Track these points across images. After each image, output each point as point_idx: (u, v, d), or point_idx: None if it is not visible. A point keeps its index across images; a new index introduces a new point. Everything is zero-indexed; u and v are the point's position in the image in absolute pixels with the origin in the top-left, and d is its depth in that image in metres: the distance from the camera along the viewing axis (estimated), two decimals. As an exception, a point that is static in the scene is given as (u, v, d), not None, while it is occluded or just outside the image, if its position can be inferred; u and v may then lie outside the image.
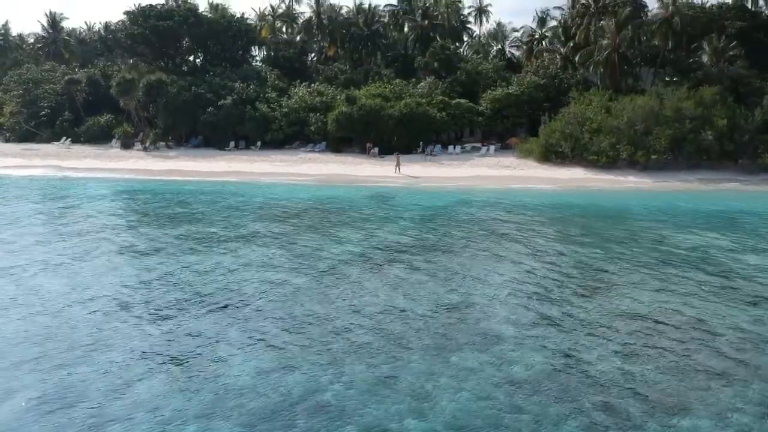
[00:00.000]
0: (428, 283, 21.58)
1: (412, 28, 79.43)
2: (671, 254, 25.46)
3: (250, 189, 43.39)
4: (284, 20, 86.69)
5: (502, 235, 29.57)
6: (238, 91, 64.15)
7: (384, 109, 57.93)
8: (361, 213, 34.95)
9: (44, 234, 29.61)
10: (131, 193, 42.95)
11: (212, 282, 21.48)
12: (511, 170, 49.68)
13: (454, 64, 67.05)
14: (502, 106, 59.81)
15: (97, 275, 22.47)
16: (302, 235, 28.88)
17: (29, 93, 73.56)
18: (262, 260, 24.40)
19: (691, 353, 15.84)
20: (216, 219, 32.64)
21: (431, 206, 37.27)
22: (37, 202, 39.25)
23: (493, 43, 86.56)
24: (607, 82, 57.81)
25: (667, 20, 58.85)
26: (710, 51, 59.36)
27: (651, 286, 21.17)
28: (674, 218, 33.76)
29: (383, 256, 25.06)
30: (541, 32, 76.22)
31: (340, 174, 49.06)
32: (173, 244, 27.32)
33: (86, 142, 67.05)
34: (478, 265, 24.01)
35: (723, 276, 22.41)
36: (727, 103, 49.69)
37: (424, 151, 56.88)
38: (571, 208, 36.59)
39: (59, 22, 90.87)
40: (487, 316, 18.39)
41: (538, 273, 22.78)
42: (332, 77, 70.76)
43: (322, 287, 21.12)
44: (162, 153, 61.04)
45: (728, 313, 18.56)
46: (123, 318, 18.17)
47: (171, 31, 71.20)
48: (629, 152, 47.27)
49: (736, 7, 64.91)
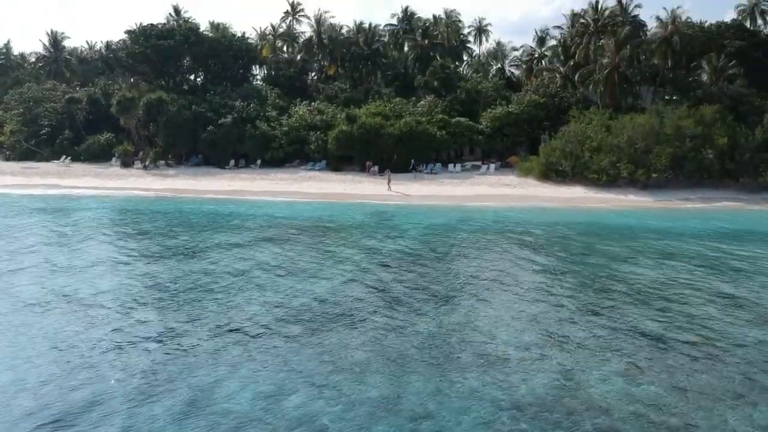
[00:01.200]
0: (429, 302, 21.35)
1: (412, 48, 79.77)
2: (675, 273, 25.25)
3: (250, 208, 43.20)
4: (285, 39, 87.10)
5: (503, 254, 29.36)
6: (239, 110, 64.25)
7: (384, 127, 57.97)
8: (362, 232, 34.77)
9: (34, 261, 29.37)
10: (130, 212, 42.72)
11: (209, 301, 21.23)
12: (511, 189, 49.58)
13: (454, 83, 67.24)
14: (502, 125, 59.88)
15: (94, 294, 22.23)
16: (302, 255, 28.65)
17: (30, 111, 73.68)
18: (261, 279, 24.14)
19: (697, 374, 15.60)
20: (215, 238, 32.43)
21: (432, 225, 37.08)
22: (31, 222, 39.02)
23: (492, 62, 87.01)
24: (607, 101, 57.92)
25: (666, 39, 59.12)
26: (709, 70, 59.48)
27: (655, 305, 20.94)
28: (677, 237, 33.53)
29: (383, 275, 24.84)
30: (540, 51, 76.54)
31: (340, 192, 48.94)
32: (170, 264, 27.09)
33: (86, 161, 67.02)
34: (480, 284, 23.78)
35: (728, 295, 22.21)
36: (727, 121, 49.78)
37: (414, 170, 56.81)
38: (573, 227, 36.39)
39: (61, 41, 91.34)
40: (490, 336, 18.15)
41: (540, 292, 22.56)
42: (332, 96, 70.96)
43: (322, 306, 20.86)
44: (162, 171, 60.98)
45: (734, 333, 18.34)
46: (116, 339, 17.93)
47: (172, 50, 71.51)
48: (630, 171, 47.20)
49: (735, 26, 65.32)
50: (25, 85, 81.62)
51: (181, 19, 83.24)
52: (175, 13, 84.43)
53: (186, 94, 70.08)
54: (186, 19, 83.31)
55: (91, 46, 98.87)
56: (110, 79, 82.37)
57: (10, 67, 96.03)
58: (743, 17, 71.32)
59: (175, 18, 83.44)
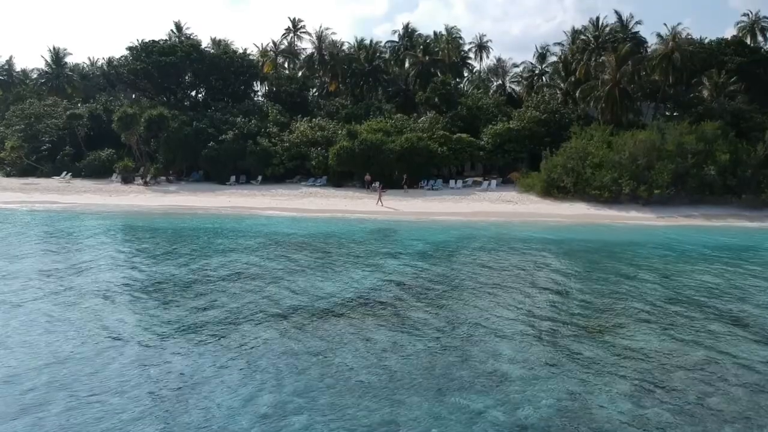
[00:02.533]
0: (430, 319, 21.11)
1: (413, 64, 79.91)
2: (678, 291, 25.01)
3: (250, 224, 43.01)
4: (286, 56, 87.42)
5: (505, 271, 29.13)
6: (240, 126, 64.25)
7: (385, 143, 57.92)
8: (362, 249, 34.52)
9: (33, 276, 29.14)
10: (129, 229, 42.61)
11: (209, 319, 20.99)
12: (512, 205, 49.38)
13: (455, 99, 67.28)
14: (503, 141, 59.81)
15: (91, 313, 21.99)
16: (303, 272, 28.42)
17: (31, 128, 73.75)
18: (261, 297, 23.89)
19: (702, 395, 15.34)
20: (215, 255, 32.22)
21: (433, 241, 36.86)
22: (29, 237, 38.83)
23: (493, 79, 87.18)
24: (608, 117, 57.85)
25: (667, 56, 59.23)
26: (710, 86, 59.61)
27: (659, 324, 20.69)
28: (680, 254, 33.32)
29: (384, 293, 24.61)
30: (541, 68, 76.81)
31: (341, 209, 48.73)
32: (169, 282, 26.87)
33: (87, 177, 66.99)
34: (482, 301, 23.53)
35: (732, 314, 21.95)
36: (729, 137, 49.63)
37: (405, 186, 56.79)
38: (575, 244, 36.18)
39: (63, 57, 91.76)
40: (492, 356, 17.89)
41: (543, 310, 22.30)
42: (333, 112, 71.04)
43: (322, 325, 20.62)
44: (162, 187, 60.88)
45: (739, 353, 18.07)
46: (115, 356, 17.69)
47: (173, 67, 71.71)
48: (632, 187, 47.01)
49: (735, 43, 65.57)
50: (26, 101, 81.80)
51: (183, 35, 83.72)
52: (176, 29, 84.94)
53: (187, 110, 70.19)
54: (188, 35, 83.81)
55: (93, 63, 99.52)
56: (112, 95, 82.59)
57: (12, 84, 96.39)
58: (743, 34, 71.68)
59: (177, 34, 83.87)
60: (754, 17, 72.36)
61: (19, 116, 76.32)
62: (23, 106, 78.86)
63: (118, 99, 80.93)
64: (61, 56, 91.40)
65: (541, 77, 76.46)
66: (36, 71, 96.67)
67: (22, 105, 79.55)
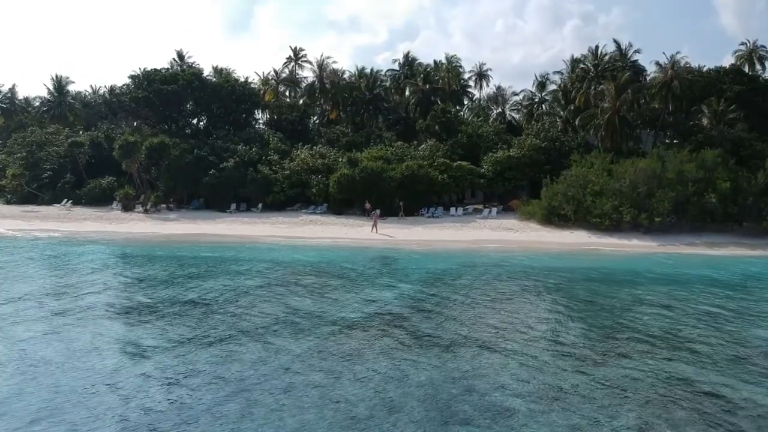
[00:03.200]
0: (432, 349, 20.90)
1: (414, 92, 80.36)
2: (681, 321, 24.81)
3: (250, 252, 42.83)
4: (287, 84, 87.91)
5: (507, 300, 28.95)
6: (241, 154, 64.38)
7: (385, 171, 57.98)
8: (363, 277, 34.36)
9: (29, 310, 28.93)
10: (129, 257, 42.41)
11: (208, 348, 20.77)
12: (513, 233, 49.22)
13: (455, 127, 67.48)
14: (503, 169, 59.87)
15: (89, 343, 21.77)
16: (302, 300, 28.23)
17: (32, 155, 73.91)
18: (261, 325, 23.68)
19: (708, 427, 15.07)
20: (215, 283, 32.01)
21: (434, 270, 36.66)
22: (26, 265, 38.66)
23: (493, 107, 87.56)
24: (608, 145, 57.94)
25: (666, 84, 59.54)
26: (710, 114, 59.77)
27: (662, 354, 20.49)
28: (682, 283, 33.10)
29: (384, 322, 24.40)
30: (541, 96, 77.17)
31: (342, 237, 48.58)
32: (165, 309, 26.65)
33: (87, 204, 66.93)
34: (484, 331, 23.31)
35: (735, 344, 21.74)
36: (729, 165, 49.66)
37: (402, 214, 56.75)
38: (577, 272, 35.97)
39: (65, 85, 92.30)
40: (495, 386, 17.68)
41: (545, 341, 22.10)
42: (334, 140, 71.23)
43: (322, 354, 20.41)
44: (162, 215, 60.79)
45: (744, 385, 17.84)
46: (111, 387, 17.46)
47: (175, 95, 72.08)
48: (632, 215, 46.89)
49: (734, 71, 65.92)
50: (28, 129, 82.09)
51: (185, 63, 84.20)
52: (179, 57, 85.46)
53: (188, 138, 70.35)
54: (190, 64, 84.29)
55: (95, 91, 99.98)
56: (113, 123, 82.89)
57: (14, 112, 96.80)
58: (741, 62, 72.07)
59: (179, 63, 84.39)
60: (752, 46, 72.84)
61: (21, 144, 76.55)
62: (25, 133, 79.16)
63: (119, 127, 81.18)
64: (64, 84, 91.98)
65: (540, 105, 76.79)
66: (38, 99, 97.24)
67: (24, 133, 79.85)
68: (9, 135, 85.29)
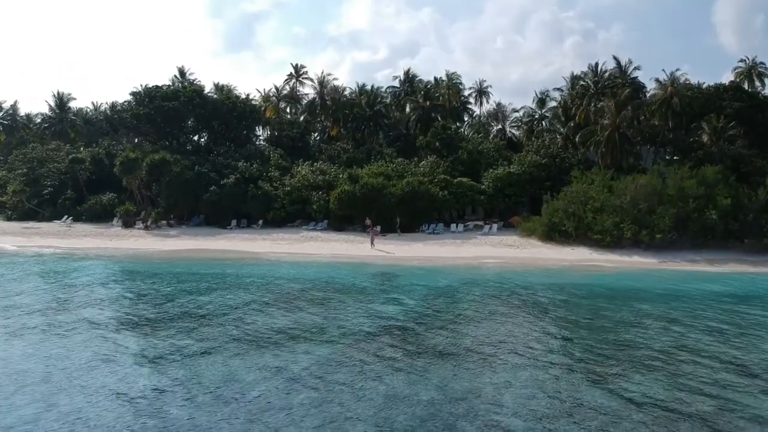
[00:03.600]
0: (432, 368, 20.75)
1: (414, 109, 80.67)
2: (684, 339, 24.65)
3: (251, 269, 42.71)
4: (288, 101, 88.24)
5: (507, 317, 28.83)
6: (241, 170, 64.48)
7: (386, 187, 58.03)
8: (363, 294, 34.23)
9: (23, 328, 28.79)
10: (127, 274, 42.26)
11: (208, 368, 20.62)
12: (514, 249, 49.15)
13: (456, 144, 67.64)
14: (503, 185, 59.95)
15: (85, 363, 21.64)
16: (301, 317, 28.09)
17: (33, 172, 74.03)
18: (261, 343, 23.55)
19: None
20: (215, 299, 31.89)
21: (435, 287, 36.49)
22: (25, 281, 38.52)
23: (493, 123, 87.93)
24: (608, 161, 58.00)
25: (666, 101, 59.75)
26: (710, 131, 59.87)
27: (665, 372, 20.33)
28: (684, 300, 32.91)
29: (384, 340, 24.25)
30: (541, 112, 77.47)
31: (342, 253, 48.49)
32: (166, 327, 26.51)
33: (88, 221, 66.89)
34: (485, 349, 23.16)
35: (740, 362, 21.59)
36: (729, 182, 49.67)
37: (399, 230, 56.57)
38: (578, 289, 35.83)
39: (67, 102, 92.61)
40: (496, 405, 17.53)
41: (547, 359, 21.94)
42: (335, 156, 71.38)
43: (322, 371, 20.27)
44: (163, 232, 60.72)
45: (748, 403, 17.71)
46: (111, 406, 17.33)
47: (176, 112, 72.36)
48: (633, 231, 46.80)
49: (733, 88, 66.22)
50: (29, 145, 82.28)
51: (186, 80, 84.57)
52: (180, 74, 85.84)
53: (189, 155, 70.52)
54: (191, 81, 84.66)
55: (97, 107, 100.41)
56: (114, 140, 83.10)
57: (16, 128, 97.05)
58: (741, 79, 72.34)
59: (180, 80, 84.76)
60: (751, 63, 73.13)
61: (22, 160, 76.72)
62: (26, 150, 79.32)
63: (120, 143, 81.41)
64: (65, 101, 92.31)
65: (541, 122, 77.04)
66: (40, 116, 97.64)
67: (25, 149, 80.00)
68: (10, 151, 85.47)
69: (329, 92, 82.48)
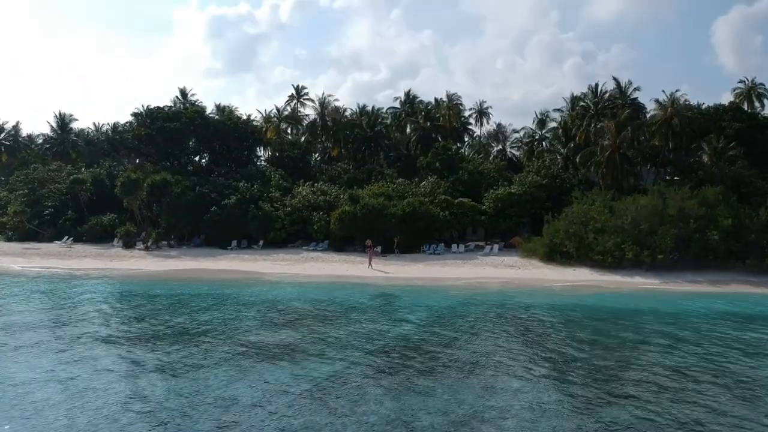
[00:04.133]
0: (434, 391, 20.59)
1: (415, 129, 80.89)
2: (688, 360, 24.51)
3: (251, 289, 42.50)
4: (289, 122, 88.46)
5: (511, 339, 28.66)
6: (242, 191, 64.48)
7: (387, 208, 57.98)
8: (364, 315, 34.02)
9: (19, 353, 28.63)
10: (127, 295, 42.09)
11: (207, 392, 20.46)
12: (515, 270, 48.99)
13: (456, 164, 67.71)
14: (504, 205, 59.93)
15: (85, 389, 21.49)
16: (304, 340, 27.94)
17: (34, 192, 74.01)
18: (261, 366, 23.40)
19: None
20: (215, 322, 31.73)
21: (436, 307, 36.30)
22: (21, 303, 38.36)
23: (493, 144, 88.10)
24: (609, 182, 58.02)
25: (666, 121, 59.91)
26: (710, 151, 59.91)
27: (669, 393, 20.22)
28: (687, 321, 32.76)
29: (386, 362, 24.10)
30: (541, 133, 77.67)
31: (343, 274, 48.34)
32: (165, 348, 26.34)
33: (88, 241, 66.71)
34: (487, 372, 23.03)
35: (746, 383, 21.45)
36: (730, 202, 49.64)
37: (397, 251, 56.58)
38: (580, 310, 35.68)
39: (68, 123, 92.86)
40: (499, 429, 17.33)
41: (549, 381, 21.81)
42: (335, 176, 71.42)
43: (323, 394, 20.12)
44: (163, 252, 60.57)
45: (756, 425, 17.50)
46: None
47: (177, 132, 72.52)
48: (635, 252, 46.69)
49: (733, 109, 66.39)
50: (31, 166, 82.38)
51: (188, 101, 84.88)
52: (182, 95, 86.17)
53: (190, 175, 70.56)
54: (192, 101, 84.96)
55: (98, 128, 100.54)
56: (115, 160, 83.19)
57: (18, 149, 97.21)
58: (740, 100, 72.51)
59: (182, 101, 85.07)
60: (751, 83, 73.33)
61: (23, 181, 76.73)
62: (27, 171, 79.37)
63: (121, 164, 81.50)
64: (67, 122, 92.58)
65: (541, 142, 77.21)
66: (41, 136, 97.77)
67: (27, 170, 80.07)
68: (12, 172, 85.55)
69: (330, 113, 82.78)
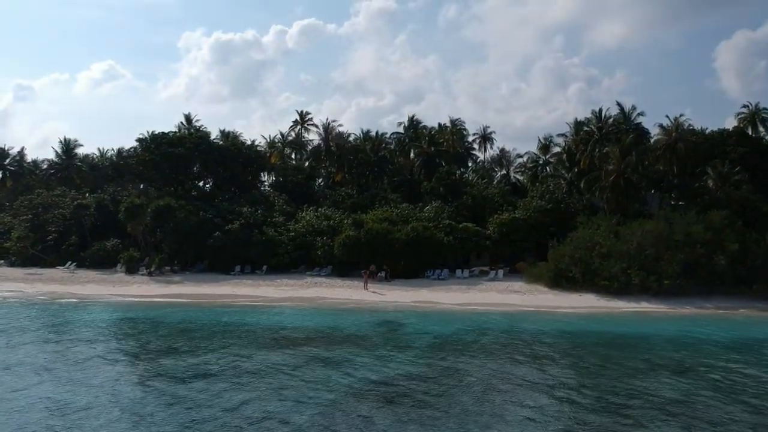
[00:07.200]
0: (441, 420, 20.17)
1: (418, 154, 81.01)
2: (697, 388, 24.07)
3: (254, 316, 42.15)
4: (293, 147, 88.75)
5: (517, 365, 28.22)
6: (246, 216, 64.37)
7: (391, 233, 57.79)
8: (368, 342, 33.62)
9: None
10: (129, 321, 41.74)
11: (207, 420, 20.09)
12: (520, 296, 48.62)
13: (460, 189, 67.65)
14: (509, 230, 59.70)
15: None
16: (306, 367, 27.55)
17: (38, 218, 73.99)
18: (262, 393, 23.01)
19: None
20: (216, 348, 31.36)
21: (440, 334, 35.90)
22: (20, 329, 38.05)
23: (497, 168, 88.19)
24: (614, 207, 57.82)
25: (671, 146, 59.90)
26: (715, 176, 59.75)
27: (678, 423, 19.75)
28: (695, 348, 32.34)
29: (392, 390, 23.68)
30: (545, 158, 77.73)
31: (346, 299, 48.07)
32: (166, 378, 26.00)
33: (91, 267, 66.48)
34: (494, 400, 22.61)
35: (756, 412, 20.97)
36: (736, 227, 49.32)
37: (387, 278, 56.24)
38: (587, 337, 35.27)
39: (73, 148, 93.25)
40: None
41: (556, 409, 21.39)
42: (339, 201, 71.32)
43: (328, 422, 19.72)
44: (166, 278, 60.31)
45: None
46: None
47: (182, 158, 72.65)
48: (641, 277, 46.35)
49: (737, 133, 66.43)
50: (35, 191, 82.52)
51: (192, 127, 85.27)
52: (186, 121, 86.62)
53: (194, 200, 70.50)
54: (197, 127, 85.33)
55: (103, 154, 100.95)
56: (120, 186, 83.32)
57: (22, 174, 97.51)
58: (744, 125, 72.57)
59: (187, 126, 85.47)
60: (754, 108, 73.47)
61: (27, 206, 76.75)
62: (31, 196, 79.46)
63: (126, 189, 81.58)
64: (72, 147, 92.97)
65: (545, 167, 77.27)
66: (46, 162, 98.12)
67: (31, 195, 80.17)
68: (16, 197, 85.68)
69: (334, 138, 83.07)
